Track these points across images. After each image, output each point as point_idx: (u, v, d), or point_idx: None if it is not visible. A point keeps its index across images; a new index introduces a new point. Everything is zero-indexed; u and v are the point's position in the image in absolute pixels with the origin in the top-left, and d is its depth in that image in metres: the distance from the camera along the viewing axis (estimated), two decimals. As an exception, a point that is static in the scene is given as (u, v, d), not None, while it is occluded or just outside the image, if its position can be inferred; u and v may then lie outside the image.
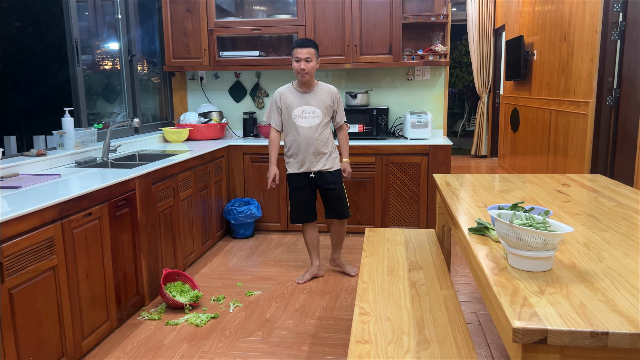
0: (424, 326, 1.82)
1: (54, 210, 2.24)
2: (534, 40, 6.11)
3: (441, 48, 4.43)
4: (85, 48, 3.78)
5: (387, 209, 4.36)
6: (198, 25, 4.53)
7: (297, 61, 3.15)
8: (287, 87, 3.33)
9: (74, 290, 2.39)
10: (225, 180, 4.38)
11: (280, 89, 3.34)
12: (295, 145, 3.29)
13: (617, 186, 2.56)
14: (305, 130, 3.25)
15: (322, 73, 4.85)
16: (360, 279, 2.25)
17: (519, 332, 1.14)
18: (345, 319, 2.92)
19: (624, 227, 1.86)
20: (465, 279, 3.47)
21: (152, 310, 3.02)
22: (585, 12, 4.56)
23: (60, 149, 3.33)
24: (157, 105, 4.93)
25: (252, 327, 2.83)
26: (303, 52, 3.14)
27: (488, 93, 8.74)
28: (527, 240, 1.42)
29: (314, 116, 3.26)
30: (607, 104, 4.31)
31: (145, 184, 3.03)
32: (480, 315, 2.94)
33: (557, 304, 1.24)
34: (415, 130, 4.38)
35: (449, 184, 2.68)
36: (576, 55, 4.76)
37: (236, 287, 3.38)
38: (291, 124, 3.28)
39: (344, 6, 4.35)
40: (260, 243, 4.28)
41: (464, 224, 1.92)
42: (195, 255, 3.78)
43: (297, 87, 3.29)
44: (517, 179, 2.82)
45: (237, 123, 5.04)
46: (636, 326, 1.12)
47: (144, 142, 4.24)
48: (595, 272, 1.43)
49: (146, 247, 3.05)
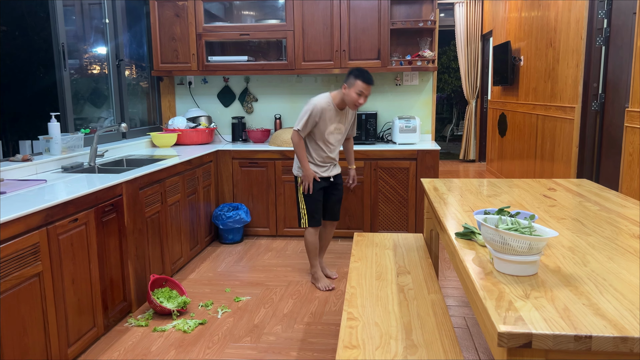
0: (411, 331, 1.82)
1: (39, 216, 2.21)
2: (520, 46, 6.18)
3: (429, 53, 4.46)
4: (72, 52, 3.76)
5: (375, 214, 4.37)
6: (186, 29, 4.52)
7: (359, 95, 3.15)
8: (327, 102, 3.26)
9: (60, 297, 2.36)
10: (213, 185, 4.37)
11: (321, 104, 3.23)
12: (323, 157, 3.36)
13: (602, 190, 2.59)
14: (334, 145, 3.39)
15: (312, 78, 4.86)
16: (348, 284, 2.25)
17: (504, 336, 1.15)
18: (334, 324, 2.91)
19: (608, 231, 1.88)
20: (453, 283, 3.48)
21: (140, 317, 3.00)
22: (570, 19, 4.63)
23: (47, 154, 3.30)
24: (145, 110, 4.91)
25: (240, 333, 2.82)
26: (369, 90, 3.17)
27: (476, 98, 8.81)
28: (513, 245, 1.43)
29: (340, 132, 3.39)
30: (592, 109, 4.36)
31: (132, 190, 3.01)
32: (468, 319, 2.95)
33: (542, 308, 1.25)
34: (403, 135, 4.40)
35: (436, 189, 2.70)
36: (562, 61, 4.82)
37: (224, 293, 3.36)
38: (322, 138, 3.31)
39: (332, 11, 4.37)
40: (249, 248, 4.27)
41: (451, 228, 1.94)
42: (183, 260, 3.76)
43: (336, 106, 3.28)
44: (504, 183, 2.84)
45: (226, 128, 5.03)
46: (619, 330, 1.14)
47: (131, 147, 4.21)
48: (580, 276, 1.45)
49: (133, 253, 3.03)
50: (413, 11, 4.60)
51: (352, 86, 3.15)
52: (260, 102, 4.97)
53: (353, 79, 3.15)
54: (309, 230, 3.41)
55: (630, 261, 1.56)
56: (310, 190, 3.32)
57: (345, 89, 3.20)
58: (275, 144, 4.48)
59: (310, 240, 3.43)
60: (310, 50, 4.43)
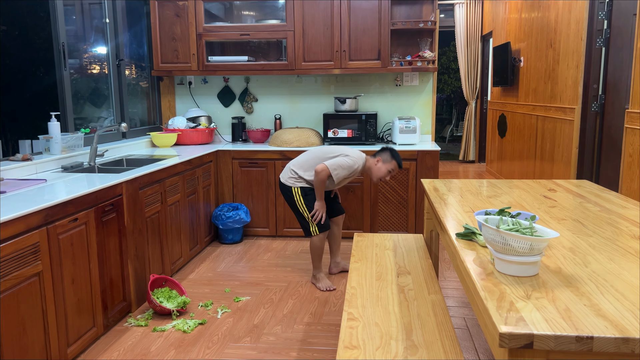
0: (411, 331, 1.82)
1: (39, 215, 2.21)
2: (520, 47, 6.18)
3: (429, 54, 4.46)
4: (72, 52, 3.75)
5: (375, 214, 4.37)
6: (187, 29, 4.52)
7: (389, 172, 3.31)
8: (363, 163, 3.33)
9: (59, 297, 2.36)
10: (213, 185, 4.37)
11: (360, 167, 3.32)
12: (328, 187, 3.41)
13: (602, 191, 2.60)
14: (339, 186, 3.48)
15: (312, 78, 4.86)
16: (348, 284, 2.25)
17: (505, 337, 1.15)
18: (334, 324, 2.91)
19: (608, 232, 1.88)
20: (453, 284, 3.48)
21: (139, 317, 2.99)
22: (570, 20, 4.63)
23: (47, 153, 3.29)
24: (145, 109, 4.91)
25: (240, 333, 2.82)
26: (397, 171, 3.43)
27: (476, 99, 8.81)
28: (514, 246, 1.43)
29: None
30: (592, 110, 4.37)
31: (132, 189, 3.01)
32: (468, 320, 2.95)
33: (543, 308, 1.25)
34: (403, 136, 4.40)
35: (436, 189, 2.70)
36: (562, 62, 4.82)
37: (224, 293, 3.36)
38: (336, 183, 3.34)
39: (333, 12, 4.37)
40: (249, 248, 4.26)
41: (451, 229, 1.93)
42: (183, 260, 3.75)
43: (361, 169, 3.35)
44: (504, 184, 2.84)
45: (226, 128, 5.03)
46: (621, 330, 1.13)
47: (131, 147, 4.21)
48: (581, 277, 1.45)
49: (133, 253, 3.02)
50: (413, 12, 4.60)
51: (387, 162, 3.29)
52: (260, 102, 4.97)
53: (390, 157, 3.30)
54: (318, 236, 3.40)
55: (631, 262, 1.56)
56: (322, 220, 3.35)
57: (378, 163, 3.30)
58: (275, 144, 4.47)
59: (318, 245, 3.42)
60: (311, 50, 4.43)
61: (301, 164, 3.37)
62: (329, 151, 3.33)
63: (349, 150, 3.33)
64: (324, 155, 3.31)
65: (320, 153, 3.34)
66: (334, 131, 4.49)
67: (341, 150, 3.32)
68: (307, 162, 3.35)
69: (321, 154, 3.33)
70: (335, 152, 3.31)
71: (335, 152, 3.31)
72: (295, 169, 3.37)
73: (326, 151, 3.34)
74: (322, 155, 3.31)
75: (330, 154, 3.30)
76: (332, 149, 3.35)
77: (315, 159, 3.32)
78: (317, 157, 3.33)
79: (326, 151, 3.34)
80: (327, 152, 3.33)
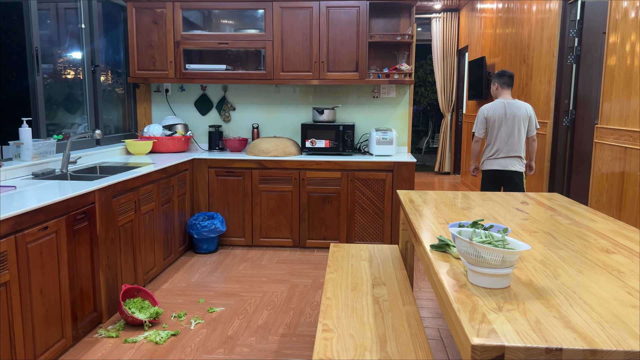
0: (386, 343, 1.83)
1: (7, 223, 2.15)
2: (495, 62, 6.31)
3: (406, 67, 4.52)
4: (46, 57, 3.69)
5: (352, 225, 4.38)
6: (164, 37, 4.49)
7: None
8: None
9: (27, 307, 2.29)
10: (189, 194, 4.32)
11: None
12: None
13: (572, 205, 2.66)
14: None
15: (290, 88, 4.87)
16: (324, 295, 2.24)
17: (477, 349, 1.16)
18: (309, 335, 2.90)
19: (578, 244, 1.92)
20: (427, 294, 3.51)
21: (110, 328, 2.93)
22: (543, 37, 4.75)
23: (17, 160, 3.22)
24: (120, 116, 4.84)
25: (213, 345, 2.78)
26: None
27: (451, 111, 8.95)
28: (486, 258, 1.45)
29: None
30: (563, 125, 4.48)
31: (105, 197, 2.96)
32: (442, 330, 2.97)
33: (514, 320, 1.27)
34: (380, 147, 4.43)
35: (412, 201, 2.72)
36: (535, 78, 4.94)
37: (198, 304, 3.32)
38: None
39: (312, 23, 4.39)
40: (224, 258, 4.22)
41: (426, 240, 1.95)
42: (156, 270, 3.70)
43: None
44: (478, 196, 2.89)
45: (203, 136, 4.99)
46: (589, 342, 1.16)
47: (105, 154, 4.14)
48: (551, 289, 1.48)
49: (105, 262, 2.97)
50: (391, 25, 4.66)
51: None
52: (238, 111, 4.95)
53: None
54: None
55: (599, 274, 1.60)
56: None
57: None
58: (253, 153, 4.46)
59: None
60: (289, 60, 4.45)
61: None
62: None
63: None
64: None
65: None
66: (311, 141, 4.50)
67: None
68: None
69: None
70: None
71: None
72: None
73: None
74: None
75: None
76: None
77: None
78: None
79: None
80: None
